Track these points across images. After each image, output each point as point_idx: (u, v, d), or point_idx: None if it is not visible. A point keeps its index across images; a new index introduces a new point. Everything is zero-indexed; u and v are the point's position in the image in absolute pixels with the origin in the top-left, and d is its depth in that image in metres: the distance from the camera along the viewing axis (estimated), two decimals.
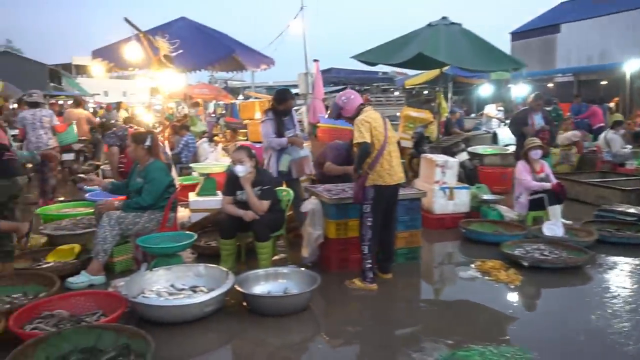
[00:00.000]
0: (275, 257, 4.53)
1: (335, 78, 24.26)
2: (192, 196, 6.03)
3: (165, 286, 3.71)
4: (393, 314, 3.60)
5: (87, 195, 6.60)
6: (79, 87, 33.05)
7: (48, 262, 4.40)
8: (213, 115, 17.40)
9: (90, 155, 10.22)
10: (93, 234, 4.93)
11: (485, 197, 6.03)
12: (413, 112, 9.21)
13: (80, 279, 3.95)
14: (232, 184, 4.20)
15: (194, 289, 3.66)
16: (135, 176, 4.45)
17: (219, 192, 6.30)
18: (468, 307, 3.70)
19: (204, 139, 10.26)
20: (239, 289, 3.48)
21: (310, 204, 4.34)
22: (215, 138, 11.70)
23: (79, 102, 10.38)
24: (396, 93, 22.83)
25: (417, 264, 4.59)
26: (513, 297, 3.86)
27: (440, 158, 6.03)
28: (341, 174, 5.10)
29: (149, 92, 19.58)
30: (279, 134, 4.88)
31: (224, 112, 19.59)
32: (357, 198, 3.95)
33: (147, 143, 4.33)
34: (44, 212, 5.80)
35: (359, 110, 3.97)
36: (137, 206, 4.24)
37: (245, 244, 4.63)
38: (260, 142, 7.55)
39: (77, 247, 4.59)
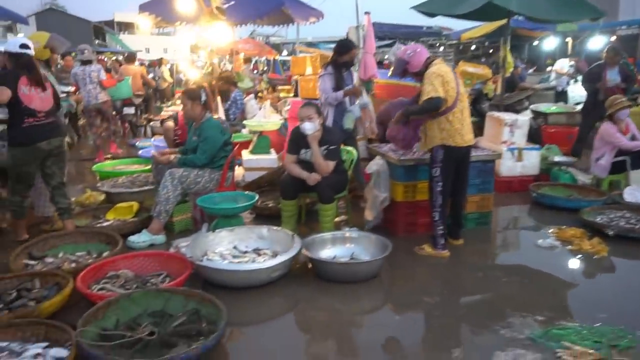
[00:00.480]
0: (337, 219, 4.32)
1: (380, 32, 23.33)
2: (245, 154, 5.87)
3: (228, 248, 3.58)
4: (469, 284, 3.36)
5: (140, 152, 6.56)
6: (122, 43, 33.30)
7: (108, 220, 4.35)
8: (255, 71, 17.10)
9: (144, 110, 10.46)
10: (150, 192, 4.88)
11: (557, 158, 5.61)
12: (470, 68, 8.63)
13: (142, 238, 3.87)
14: (296, 142, 3.97)
15: (257, 252, 3.51)
16: (191, 135, 4.28)
17: (272, 150, 6.14)
18: (552, 279, 3.41)
19: (251, 96, 10.03)
20: (307, 253, 3.31)
21: (375, 165, 4.08)
22: (260, 94, 11.47)
23: (132, 58, 10.38)
24: (441, 48, 21.81)
25: (488, 229, 4.31)
26: (601, 269, 3.55)
27: (508, 116, 5.61)
28: None
29: (190, 49, 19.37)
30: (338, 89, 4.56)
31: (265, 68, 19.27)
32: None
33: (203, 98, 4.14)
34: (100, 169, 5.77)
35: (427, 64, 3.62)
36: (192, 164, 4.09)
37: (305, 205, 4.45)
38: (311, 99, 7.30)
39: (135, 205, 4.52)
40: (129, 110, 9.20)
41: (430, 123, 3.62)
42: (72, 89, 5.45)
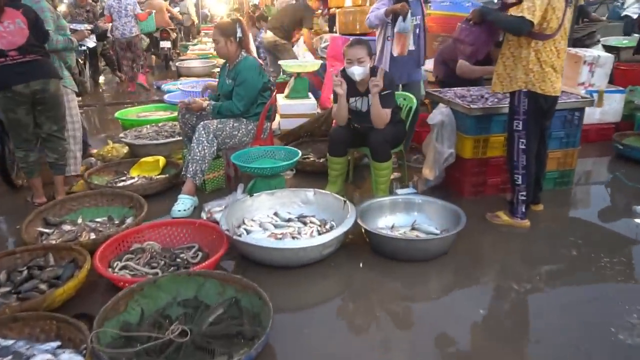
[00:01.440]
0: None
1: None
2: (280, 99, 5.25)
3: (268, 215, 3.08)
4: (561, 263, 2.77)
5: (166, 97, 6.01)
6: None
7: (132, 177, 3.87)
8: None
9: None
10: (177, 144, 4.36)
11: None
12: None
13: (186, 204, 3.34)
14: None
15: (302, 220, 3.00)
16: (224, 78, 3.69)
17: (311, 95, 5.50)
18: None
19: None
20: (364, 225, 2.77)
21: (439, 114, 3.43)
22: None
23: None
24: None
25: (570, 190, 3.67)
26: None
27: (589, 53, 4.78)
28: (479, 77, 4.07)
29: None
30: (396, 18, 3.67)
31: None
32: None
33: (239, 34, 3.51)
34: (122, 116, 5.26)
35: None
36: (228, 112, 3.53)
37: (354, 160, 3.87)
38: (354, 35, 6.52)
39: (162, 160, 4.03)
40: (166, 44, 9.59)
41: (512, 57, 2.90)
42: (87, 26, 4.87)
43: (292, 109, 5.18)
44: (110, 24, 7.39)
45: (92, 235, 2.90)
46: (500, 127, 3.33)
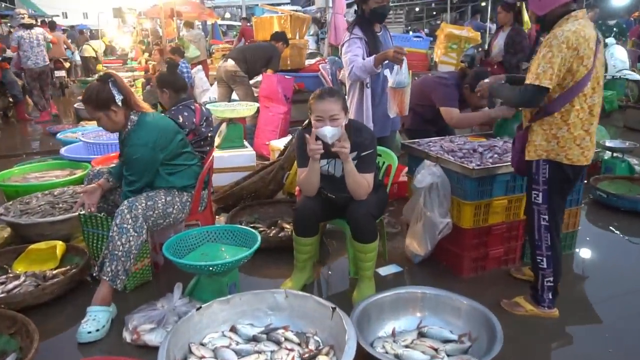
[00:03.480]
0: None
1: None
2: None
3: (224, 332, 2.18)
4: None
5: (63, 150, 4.85)
6: (36, 6, 29.39)
7: (16, 277, 2.76)
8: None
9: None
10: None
11: (608, 143, 4.52)
12: (456, 30, 7.45)
13: (101, 321, 2.34)
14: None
15: (274, 337, 2.14)
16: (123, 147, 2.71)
17: (246, 144, 4.68)
18: None
19: (198, 67, 8.32)
20: (369, 350, 1.97)
21: (429, 175, 2.76)
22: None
23: (53, 26, 10.82)
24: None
25: (573, 256, 3.13)
26: None
27: None
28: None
29: (112, 14, 16.95)
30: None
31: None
32: (520, 168, 2.43)
33: (118, 97, 2.48)
34: (3, 179, 4.06)
35: (562, 13, 2.22)
36: (130, 188, 2.59)
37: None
38: (286, 72, 5.83)
39: (60, 246, 2.98)
40: (61, 73, 10.28)
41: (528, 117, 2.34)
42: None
43: (226, 161, 4.33)
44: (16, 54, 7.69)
45: None
46: (503, 189, 2.74)
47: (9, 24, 8.81)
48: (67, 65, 11.07)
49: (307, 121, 2.64)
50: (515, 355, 2.16)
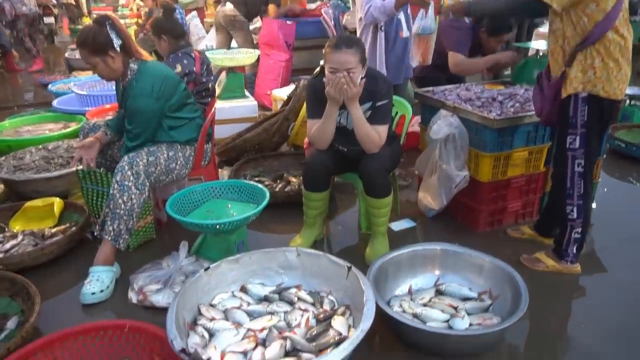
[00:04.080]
0: None
1: None
2: None
3: (233, 292, 2.09)
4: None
5: (55, 102, 4.64)
6: None
7: (14, 236, 2.65)
8: None
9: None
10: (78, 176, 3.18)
11: (629, 91, 4.32)
12: None
13: (105, 281, 2.24)
14: (320, 101, 2.35)
15: (286, 297, 2.04)
16: (121, 97, 2.53)
17: (248, 93, 4.48)
18: None
19: (193, 13, 7.94)
20: (387, 311, 1.87)
21: (445, 126, 2.60)
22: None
23: None
24: None
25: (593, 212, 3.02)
26: None
27: None
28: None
29: None
30: None
31: None
32: (549, 116, 2.27)
33: (116, 41, 2.27)
34: None
35: None
36: (133, 143, 2.42)
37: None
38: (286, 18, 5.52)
39: (58, 203, 2.85)
40: (50, 20, 9.76)
41: (563, 51, 2.14)
42: None
43: (227, 112, 4.14)
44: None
45: None
46: (524, 140, 2.59)
47: None
48: (55, 11, 10.53)
49: (317, 69, 2.45)
50: (535, 313, 2.07)
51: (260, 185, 2.51)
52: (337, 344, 1.77)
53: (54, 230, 2.69)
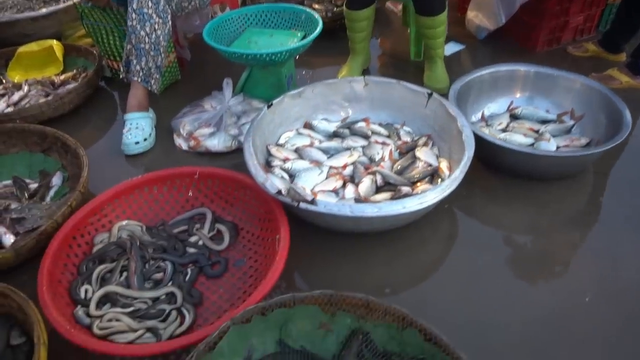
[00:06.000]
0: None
1: None
2: None
3: (297, 130, 1.88)
4: None
5: None
6: None
7: (16, 85, 2.28)
8: None
9: None
10: (70, 10, 2.72)
11: None
12: None
13: (146, 129, 1.98)
14: None
15: (359, 130, 1.86)
16: None
17: None
18: None
19: None
20: (477, 132, 1.71)
21: None
22: None
23: None
24: None
25: None
26: None
27: None
28: None
29: None
30: None
31: None
32: None
33: None
34: None
35: None
36: None
37: None
38: None
39: (57, 46, 2.44)
40: None
41: None
42: None
43: None
44: None
45: (9, 238, 1.54)
46: None
47: None
48: None
49: None
50: None
51: (309, 10, 2.15)
52: (430, 175, 1.66)
53: (62, 77, 2.33)
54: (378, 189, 1.63)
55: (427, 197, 1.41)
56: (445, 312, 1.34)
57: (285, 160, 1.74)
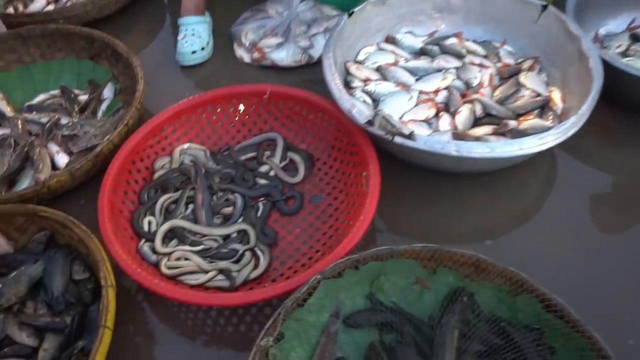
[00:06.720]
0: None
1: None
2: None
3: (379, 45, 1.61)
4: None
5: None
6: None
7: None
8: None
9: None
10: None
11: None
12: None
13: (204, 36, 1.73)
14: None
15: (449, 48, 1.57)
16: None
17: None
18: None
19: None
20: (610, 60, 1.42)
21: None
22: None
23: None
24: None
25: None
26: None
27: None
28: None
29: None
30: None
31: None
32: None
33: None
34: None
35: None
36: None
37: None
38: None
39: None
40: None
41: None
42: None
43: None
44: None
45: (62, 158, 1.38)
46: None
47: None
48: None
49: None
50: None
51: None
52: (540, 107, 1.40)
53: None
54: (476, 121, 1.40)
55: (548, 137, 1.17)
56: (558, 271, 1.16)
57: (366, 80, 1.50)
